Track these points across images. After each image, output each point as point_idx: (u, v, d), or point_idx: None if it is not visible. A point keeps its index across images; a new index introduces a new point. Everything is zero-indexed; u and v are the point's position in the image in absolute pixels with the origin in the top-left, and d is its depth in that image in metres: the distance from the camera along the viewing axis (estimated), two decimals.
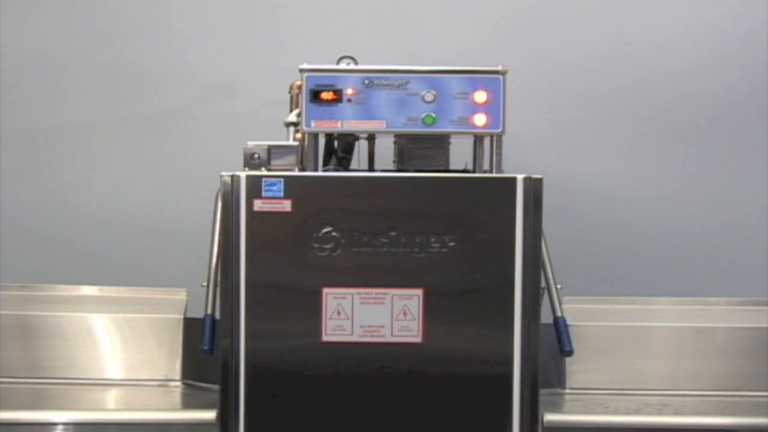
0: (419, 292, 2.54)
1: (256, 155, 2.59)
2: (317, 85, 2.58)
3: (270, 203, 2.52)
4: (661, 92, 3.54)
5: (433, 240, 2.53)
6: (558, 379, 3.08)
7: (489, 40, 3.46)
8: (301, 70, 2.59)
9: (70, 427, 2.65)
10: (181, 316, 3.09)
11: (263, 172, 2.58)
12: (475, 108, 2.59)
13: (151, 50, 3.51)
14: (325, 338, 2.54)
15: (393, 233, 2.53)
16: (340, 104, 2.58)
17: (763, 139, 3.52)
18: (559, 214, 2.92)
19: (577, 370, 3.08)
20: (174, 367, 3.07)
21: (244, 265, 2.53)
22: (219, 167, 2.60)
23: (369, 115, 2.59)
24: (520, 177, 2.53)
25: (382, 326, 2.54)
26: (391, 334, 2.55)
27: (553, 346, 3.06)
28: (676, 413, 2.85)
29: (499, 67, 2.59)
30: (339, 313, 2.53)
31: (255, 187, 2.52)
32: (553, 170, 2.70)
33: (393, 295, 2.54)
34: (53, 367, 3.06)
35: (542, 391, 2.60)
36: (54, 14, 3.52)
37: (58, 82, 3.52)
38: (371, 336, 2.54)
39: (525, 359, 2.56)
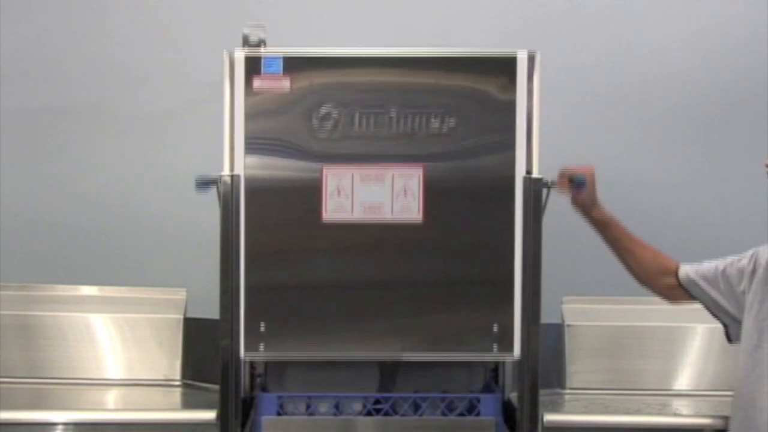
0: (419, 170, 2.53)
1: (255, 35, 2.53)
2: None
3: (269, 81, 2.50)
4: (663, 93, 3.54)
5: (433, 118, 2.51)
6: (558, 379, 3.08)
7: (497, 42, 3.45)
8: None
9: (70, 427, 2.64)
10: (181, 316, 3.10)
11: (262, 50, 2.53)
12: None
13: (152, 50, 3.51)
14: (326, 217, 2.52)
15: (393, 111, 2.51)
16: None
17: (763, 138, 3.52)
18: (559, 214, 2.91)
19: (577, 370, 3.08)
20: (174, 367, 3.07)
21: (243, 152, 2.50)
22: (219, 167, 2.59)
23: None
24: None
25: (382, 205, 2.53)
26: (392, 214, 2.54)
27: (553, 347, 3.07)
28: (676, 413, 2.85)
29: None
30: (339, 192, 2.52)
31: (254, 65, 2.49)
32: (554, 170, 2.69)
33: (393, 174, 2.53)
34: (53, 367, 3.07)
35: (542, 391, 2.60)
36: (54, 13, 3.52)
37: (57, 82, 3.52)
38: (371, 215, 2.52)
39: (525, 359, 2.56)
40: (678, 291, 2.65)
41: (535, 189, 2.52)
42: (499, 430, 2.62)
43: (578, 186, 2.61)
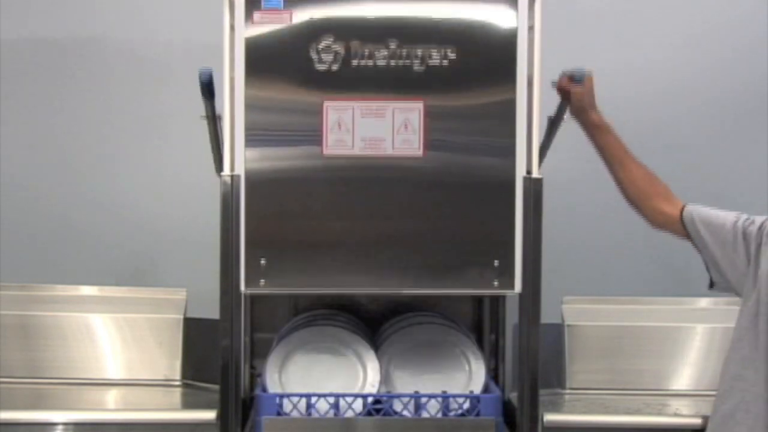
0: (420, 104, 2.52)
1: None
2: None
3: (269, 15, 2.47)
4: (663, 97, 3.55)
5: (434, 52, 2.50)
6: (558, 379, 3.08)
7: None
8: None
9: (70, 427, 2.65)
10: (181, 316, 3.10)
11: None
12: None
13: (153, 49, 3.51)
14: (327, 152, 2.50)
15: (393, 45, 2.49)
16: None
17: (762, 136, 3.54)
18: (559, 214, 2.91)
19: (577, 370, 3.09)
20: (174, 367, 3.07)
21: (243, 87, 2.47)
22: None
23: None
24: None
25: (383, 139, 2.51)
26: (392, 148, 2.52)
27: (553, 347, 3.07)
28: (676, 413, 2.85)
29: None
30: (340, 127, 2.51)
31: (254, 0, 2.47)
32: (554, 170, 2.70)
33: (394, 108, 2.52)
34: (53, 367, 3.07)
35: (542, 391, 2.60)
36: (58, 12, 3.52)
37: (57, 82, 3.52)
38: (372, 149, 2.51)
39: (525, 359, 2.56)
40: (674, 224, 2.59)
41: (535, 189, 2.51)
42: (499, 430, 2.62)
43: (578, 81, 2.61)
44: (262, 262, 2.50)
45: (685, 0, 3.60)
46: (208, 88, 2.52)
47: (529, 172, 2.52)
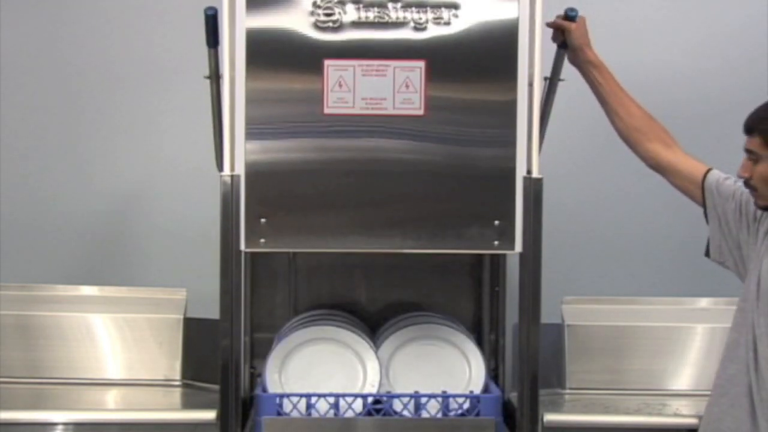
0: (421, 64, 2.52)
1: None
2: None
3: None
4: (662, 98, 3.55)
5: (436, 13, 2.50)
6: (558, 379, 3.08)
7: None
8: None
9: (70, 427, 2.65)
10: (181, 316, 3.10)
11: None
12: None
13: (153, 47, 3.51)
14: (327, 110, 2.49)
15: (396, 3, 2.49)
16: None
17: None
18: (559, 214, 2.91)
19: (577, 370, 3.09)
20: (174, 367, 3.08)
21: (245, 46, 2.46)
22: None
23: None
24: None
25: (384, 98, 2.51)
26: (393, 107, 2.52)
27: (553, 347, 3.07)
28: (676, 413, 2.86)
29: None
30: (341, 86, 2.51)
31: None
32: (554, 170, 2.70)
33: (395, 67, 2.52)
34: (53, 367, 3.07)
35: (542, 391, 2.60)
36: (58, 16, 3.52)
37: (56, 83, 3.52)
38: (373, 108, 2.50)
39: (525, 359, 2.56)
40: (683, 181, 2.60)
41: (536, 189, 2.51)
42: (499, 430, 2.62)
43: (572, 18, 2.63)
44: (262, 221, 2.50)
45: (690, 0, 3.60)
46: (213, 29, 2.49)
47: (529, 171, 2.52)
